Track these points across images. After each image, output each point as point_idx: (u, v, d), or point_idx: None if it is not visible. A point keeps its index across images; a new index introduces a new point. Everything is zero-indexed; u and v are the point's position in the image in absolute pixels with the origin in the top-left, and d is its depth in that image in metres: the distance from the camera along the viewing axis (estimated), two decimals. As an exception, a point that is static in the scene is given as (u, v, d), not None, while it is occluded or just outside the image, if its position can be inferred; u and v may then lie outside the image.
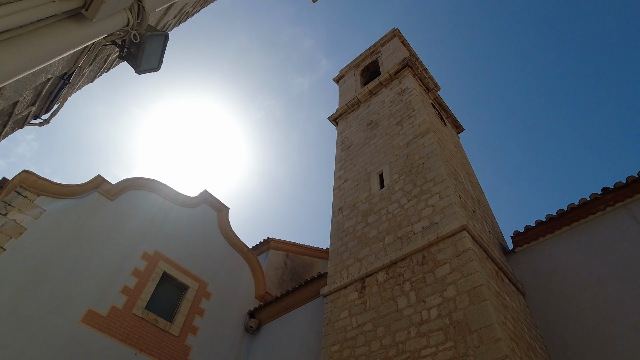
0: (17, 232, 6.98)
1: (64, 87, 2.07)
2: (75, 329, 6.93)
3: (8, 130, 1.86)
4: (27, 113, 1.97)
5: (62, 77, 1.94)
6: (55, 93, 2.07)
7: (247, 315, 10.20)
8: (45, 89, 1.91)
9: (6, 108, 1.61)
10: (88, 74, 2.47)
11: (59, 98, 2.15)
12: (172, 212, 10.08)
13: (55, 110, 2.31)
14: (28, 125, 2.16)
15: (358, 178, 10.45)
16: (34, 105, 1.96)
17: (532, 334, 6.34)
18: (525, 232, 8.10)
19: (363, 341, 6.43)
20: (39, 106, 2.06)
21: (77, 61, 1.89)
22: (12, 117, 1.73)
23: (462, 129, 14.61)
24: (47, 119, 2.30)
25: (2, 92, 1.40)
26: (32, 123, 2.19)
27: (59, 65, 1.71)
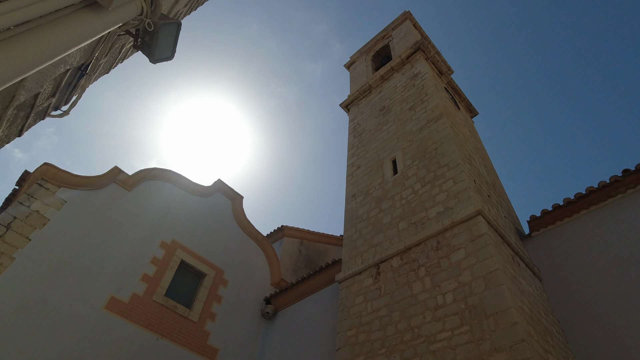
0: (41, 223, 7.22)
1: (82, 77, 2.10)
2: (99, 316, 7.17)
3: (30, 122, 1.91)
4: (48, 104, 2.01)
5: (79, 68, 1.97)
6: (74, 84, 2.11)
7: (264, 302, 10.38)
8: (64, 80, 1.95)
9: (28, 100, 1.65)
10: (104, 64, 2.50)
11: (77, 89, 2.19)
12: (187, 201, 10.24)
13: (74, 101, 2.36)
14: (49, 117, 2.21)
15: (371, 164, 10.41)
16: (54, 96, 2.00)
17: (549, 318, 6.30)
18: (542, 216, 7.98)
19: (378, 326, 6.49)
20: (59, 98, 2.10)
21: (93, 52, 1.92)
22: (33, 109, 1.77)
23: (476, 113, 14.35)
24: (67, 110, 2.35)
25: (24, 83, 1.43)
26: (52, 114, 2.25)
27: (76, 56, 1.74)
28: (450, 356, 5.19)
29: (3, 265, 6.45)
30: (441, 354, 5.30)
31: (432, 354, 5.40)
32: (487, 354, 4.83)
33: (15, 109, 1.56)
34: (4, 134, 1.64)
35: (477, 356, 4.91)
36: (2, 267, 6.43)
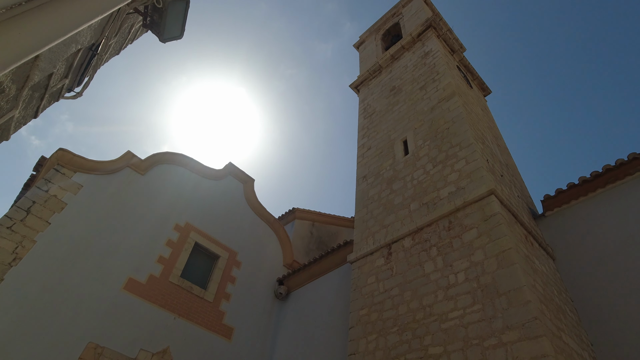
0: (59, 207, 7.41)
1: (93, 58, 2.11)
2: (118, 296, 7.41)
3: (45, 103, 1.93)
4: (61, 85, 2.03)
5: (90, 47, 1.98)
6: (86, 65, 2.12)
7: (277, 283, 10.56)
8: (76, 60, 1.96)
9: (42, 80, 1.67)
10: (114, 45, 2.50)
11: (89, 70, 2.20)
12: (199, 184, 10.37)
13: (86, 82, 2.38)
14: (63, 99, 2.24)
15: (382, 145, 10.34)
16: (66, 77, 2.02)
17: (562, 297, 6.29)
18: (556, 195, 7.87)
19: (390, 305, 6.56)
20: (72, 78, 2.12)
21: (103, 31, 1.91)
22: (47, 90, 1.79)
23: (489, 92, 14.05)
24: (80, 91, 2.38)
25: (37, 63, 1.45)
26: (66, 96, 2.27)
27: (87, 35, 1.74)
28: (462, 334, 5.24)
29: (26, 248, 6.67)
30: (453, 332, 5.35)
31: (444, 332, 5.46)
32: (499, 332, 4.86)
33: (30, 89, 1.58)
34: (20, 115, 1.66)
35: (488, 334, 4.95)
36: (25, 249, 6.65)
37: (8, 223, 6.67)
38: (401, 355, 5.76)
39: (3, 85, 1.33)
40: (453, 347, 5.21)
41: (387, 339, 6.17)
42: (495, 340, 4.84)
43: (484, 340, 4.94)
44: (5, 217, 6.71)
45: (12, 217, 6.77)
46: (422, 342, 5.62)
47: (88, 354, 6.56)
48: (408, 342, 5.82)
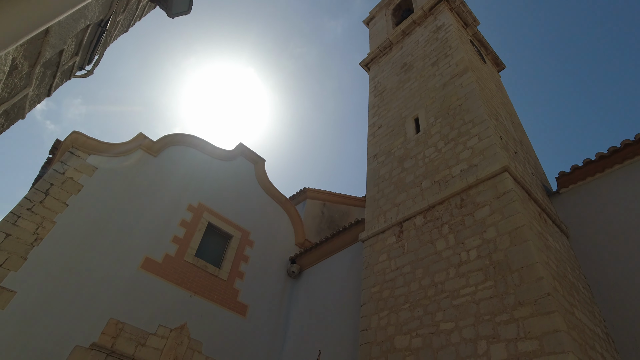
0: (76, 189, 7.57)
1: (102, 35, 2.11)
2: (136, 275, 7.63)
3: (57, 81, 1.95)
4: (72, 63, 2.05)
5: (99, 24, 1.97)
6: (95, 42, 2.12)
7: (289, 261, 10.73)
8: (85, 37, 1.96)
9: (53, 57, 1.68)
10: (122, 21, 2.49)
11: (98, 48, 2.21)
12: (211, 165, 10.45)
13: (96, 60, 2.39)
14: (74, 77, 2.25)
15: (393, 124, 10.22)
16: (77, 55, 2.03)
17: (575, 273, 6.26)
18: (571, 172, 7.73)
19: (402, 282, 6.63)
20: (82, 56, 2.13)
21: (111, 6, 1.90)
22: (59, 68, 1.80)
23: (503, 67, 13.66)
24: (91, 69, 2.39)
25: (47, 38, 1.45)
26: (77, 75, 2.29)
27: (95, 10, 1.73)
28: (473, 310, 5.28)
29: (46, 228, 6.87)
30: (464, 308, 5.40)
31: (456, 308, 5.51)
32: (511, 308, 4.88)
33: (42, 66, 1.59)
34: (34, 93, 1.68)
35: (500, 310, 4.98)
36: (46, 230, 6.85)
37: (28, 205, 6.86)
38: (413, 331, 5.85)
39: (16, 61, 1.34)
40: (464, 323, 5.26)
41: (398, 315, 6.26)
42: (507, 316, 4.87)
43: (496, 316, 4.98)
44: (25, 199, 6.89)
45: (31, 199, 6.95)
46: (434, 318, 5.69)
47: (110, 329, 6.83)
48: (419, 318, 5.90)
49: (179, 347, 7.49)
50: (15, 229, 6.54)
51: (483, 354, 4.80)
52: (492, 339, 4.83)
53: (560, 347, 4.18)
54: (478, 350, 4.88)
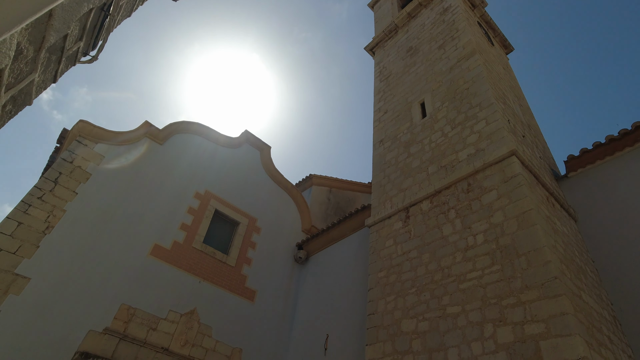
0: (84, 177, 7.66)
1: (105, 19, 2.09)
2: (146, 261, 7.75)
3: (62, 67, 1.95)
4: (77, 48, 2.04)
5: (102, 8, 1.95)
6: (99, 27, 2.11)
7: (296, 247, 10.82)
8: (89, 21, 1.94)
9: (58, 42, 1.67)
10: (125, 5, 2.46)
11: (102, 33, 2.19)
12: (217, 153, 10.48)
13: (100, 46, 2.38)
14: (79, 63, 2.25)
15: (398, 109, 10.12)
16: (81, 40, 2.02)
17: (583, 257, 6.24)
18: (580, 155, 7.64)
19: (409, 267, 6.66)
20: (86, 41, 2.12)
21: (114, -10, 1.89)
22: (64, 53, 1.80)
23: (511, 49, 13.39)
24: (95, 55, 2.38)
25: (51, 22, 1.44)
26: (82, 60, 2.28)
27: (98, -8, 1.72)
28: (480, 294, 5.30)
29: (57, 217, 6.98)
30: (471, 292, 5.42)
31: (462, 292, 5.53)
32: (518, 291, 4.90)
33: (47, 51, 1.58)
34: (40, 79, 1.68)
35: (507, 293, 4.99)
36: (56, 218, 6.96)
37: (38, 193, 6.96)
38: (419, 315, 5.90)
39: (21, 46, 1.34)
40: (471, 307, 5.29)
41: (405, 300, 6.31)
42: (513, 299, 4.88)
43: (502, 299, 5.00)
44: (35, 188, 6.98)
45: (41, 187, 7.04)
46: (440, 302, 5.73)
47: (122, 314, 6.98)
48: (426, 302, 5.94)
49: (189, 331, 7.65)
50: (26, 218, 6.65)
51: (489, 337, 4.84)
52: (498, 322, 4.86)
53: (567, 330, 4.19)
54: (484, 333, 4.92)
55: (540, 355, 4.24)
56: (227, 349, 8.08)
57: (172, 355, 7.20)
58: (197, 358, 7.52)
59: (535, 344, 4.35)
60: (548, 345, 4.25)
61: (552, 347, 4.20)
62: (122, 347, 6.69)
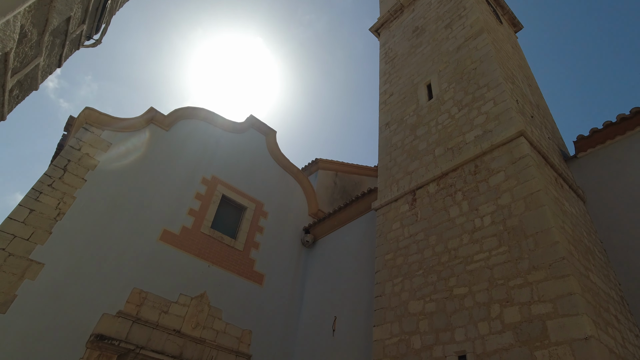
0: (92, 165, 7.73)
1: (107, 1, 2.06)
2: (156, 246, 7.87)
3: (67, 51, 1.94)
4: (80, 32, 2.03)
5: (103, -11, 1.94)
6: (101, 9, 2.09)
7: (303, 231, 10.90)
8: (91, 3, 1.93)
9: (61, 25, 1.66)
10: (127, -13, 2.43)
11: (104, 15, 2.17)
12: (222, 138, 10.48)
13: (103, 29, 2.36)
14: (83, 47, 2.24)
15: (404, 91, 10.00)
16: (84, 22, 2.01)
17: (591, 238, 6.21)
18: (590, 135, 7.52)
19: (416, 249, 6.69)
20: (89, 24, 2.10)
21: (115, -29, 1.86)
22: (67, 36, 1.79)
23: (520, 27, 13.07)
24: (98, 38, 2.37)
25: (54, 4, 1.43)
26: (86, 44, 2.27)
27: (99, -25, 1.70)
28: (487, 275, 5.32)
29: (67, 204, 7.08)
30: (478, 273, 5.45)
31: (469, 273, 5.56)
32: (525, 272, 4.91)
33: (51, 35, 1.57)
34: (45, 63, 1.68)
35: (514, 274, 5.01)
36: (67, 205, 7.06)
37: (48, 181, 7.05)
38: (426, 296, 5.96)
39: (24, 28, 1.33)
40: (478, 288, 5.33)
41: (412, 282, 6.36)
42: (520, 280, 4.90)
43: (509, 280, 5.02)
44: (45, 176, 7.07)
45: (51, 175, 7.13)
46: (447, 284, 5.77)
47: (134, 298, 7.13)
48: (433, 283, 5.99)
49: (200, 314, 7.81)
50: (38, 205, 6.76)
51: (496, 317, 4.88)
52: (505, 302, 4.89)
53: (574, 310, 4.21)
54: (491, 313, 4.96)
55: (547, 334, 4.28)
56: (237, 330, 8.25)
57: (184, 337, 7.38)
58: (209, 340, 7.70)
59: (542, 324, 4.38)
60: (555, 324, 4.28)
61: (559, 326, 4.23)
62: (135, 329, 6.86)
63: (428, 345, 5.46)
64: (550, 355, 4.14)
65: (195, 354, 7.39)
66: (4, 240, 6.20)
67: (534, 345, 4.32)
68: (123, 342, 6.49)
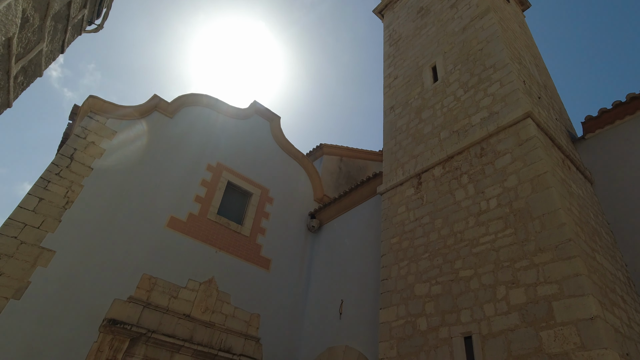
0: (99, 153, 7.78)
1: (108, -16, 2.05)
2: (163, 233, 7.97)
3: (69, 36, 1.93)
4: (82, 17, 2.01)
5: (104, -27, 1.92)
6: (102, -7, 2.08)
7: (309, 217, 10.95)
8: (92, -12, 1.92)
9: (63, 9, 1.65)
10: (127, -29, 2.40)
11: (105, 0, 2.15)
12: (227, 124, 10.47)
13: (105, 13, 2.34)
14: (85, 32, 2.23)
15: (409, 74, 9.87)
16: (85, 7, 1.99)
17: (598, 220, 6.18)
18: (599, 115, 7.41)
19: (421, 233, 6.71)
20: (90, 9, 2.09)
21: (115, -47, 1.83)
22: (69, 21, 1.78)
23: (528, 5, 12.75)
24: (100, 23, 2.35)
25: (54, -12, 1.42)
26: (87, 30, 2.26)
27: (99, -43, 1.67)
28: (492, 257, 5.34)
29: (75, 192, 7.16)
30: (484, 256, 5.46)
31: (475, 256, 5.58)
32: (531, 254, 4.91)
33: (53, 19, 1.57)
34: (48, 48, 1.68)
35: (520, 256, 5.02)
36: (75, 193, 7.14)
37: (56, 170, 7.11)
38: (432, 279, 6.00)
39: (27, 13, 1.32)
40: (484, 270, 5.35)
41: (418, 265, 6.40)
42: (526, 262, 4.91)
43: (515, 262, 5.03)
44: (52, 165, 7.13)
45: (58, 164, 7.19)
46: (453, 266, 5.80)
47: (144, 283, 7.27)
48: (439, 266, 6.02)
49: (208, 299, 7.95)
50: (47, 193, 6.84)
51: (502, 299, 4.91)
52: (511, 284, 4.92)
53: (580, 290, 4.23)
54: (497, 295, 4.99)
55: (553, 315, 4.31)
56: (246, 314, 8.40)
57: (194, 321, 7.53)
58: (218, 323, 7.85)
59: (548, 305, 4.41)
60: (561, 305, 4.30)
61: (565, 307, 4.25)
62: (146, 313, 7.01)
63: (434, 326, 5.53)
64: (556, 335, 4.18)
65: (205, 337, 7.55)
66: (16, 228, 6.30)
67: (540, 326, 4.36)
68: (135, 326, 6.64)
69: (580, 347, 3.94)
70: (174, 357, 7.04)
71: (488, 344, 4.76)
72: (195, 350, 7.23)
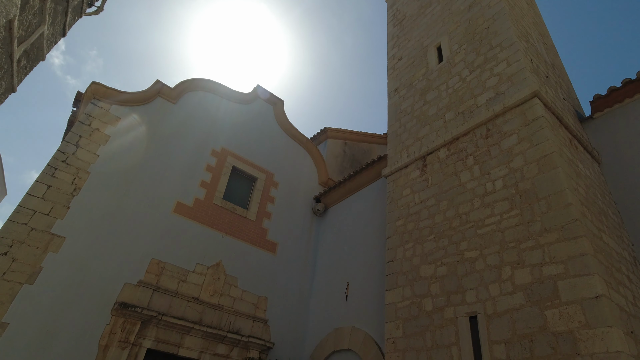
0: (104, 140, 7.81)
1: (108, -34, 2.01)
2: (170, 218, 8.05)
3: (70, 19, 1.91)
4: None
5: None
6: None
7: (314, 200, 10.99)
8: (91, -31, 1.88)
9: (62, -8, 1.63)
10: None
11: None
12: (230, 109, 10.42)
13: (104, -5, 2.32)
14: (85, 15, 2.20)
15: (414, 54, 9.71)
16: (85, -11, 1.97)
17: (605, 200, 6.15)
18: (608, 94, 7.28)
19: (427, 215, 6.72)
20: (91, -9, 2.06)
21: None
22: (70, 3, 1.75)
23: (537, -19, 12.38)
24: (100, 5, 2.32)
25: (54, -31, 1.39)
26: (88, 12, 2.23)
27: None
28: (498, 238, 5.35)
29: (82, 179, 7.22)
30: (489, 237, 5.47)
31: (480, 237, 5.59)
32: (536, 234, 4.91)
33: (53, 1, 1.55)
34: (49, 32, 1.66)
35: (526, 237, 5.02)
36: (82, 180, 7.21)
37: (62, 157, 7.16)
38: (437, 260, 6.04)
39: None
40: (489, 251, 5.37)
41: (423, 246, 6.44)
42: (532, 242, 4.92)
43: (521, 243, 5.04)
44: (58, 152, 7.17)
45: (64, 151, 7.23)
46: (459, 248, 5.83)
47: (153, 268, 7.39)
48: (444, 248, 6.05)
49: (216, 282, 8.08)
50: (54, 181, 6.91)
51: (507, 279, 4.94)
52: (516, 264, 4.94)
53: (585, 270, 4.24)
54: (502, 275, 5.02)
55: (558, 294, 4.34)
56: (253, 297, 8.54)
57: (203, 304, 7.68)
58: (226, 306, 8.00)
59: (553, 284, 4.43)
60: (566, 284, 4.32)
61: (570, 286, 4.27)
62: (156, 297, 7.16)
63: (439, 307, 5.59)
64: (561, 314, 4.21)
65: (214, 319, 7.71)
66: (26, 215, 6.40)
67: (545, 305, 4.40)
68: (145, 309, 6.79)
69: (584, 326, 3.98)
70: (184, 339, 7.21)
71: (493, 323, 4.81)
72: (205, 332, 7.40)
